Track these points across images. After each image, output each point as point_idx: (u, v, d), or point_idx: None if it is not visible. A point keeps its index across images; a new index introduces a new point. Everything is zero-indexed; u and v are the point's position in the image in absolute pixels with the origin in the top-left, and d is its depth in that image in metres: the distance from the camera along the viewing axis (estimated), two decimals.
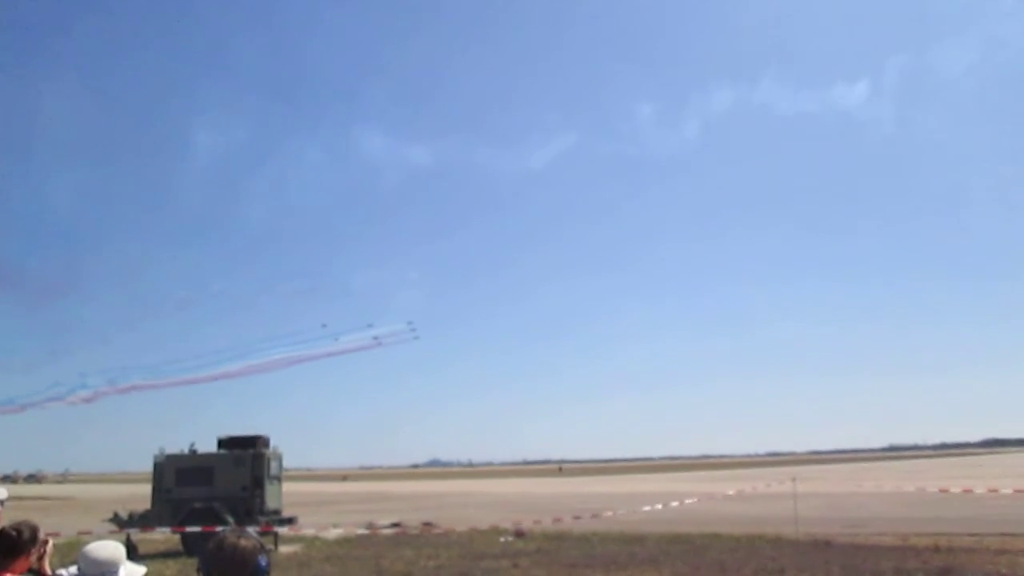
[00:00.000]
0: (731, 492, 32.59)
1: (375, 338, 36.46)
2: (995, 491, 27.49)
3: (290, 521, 24.07)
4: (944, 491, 30.76)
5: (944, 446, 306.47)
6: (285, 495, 25.25)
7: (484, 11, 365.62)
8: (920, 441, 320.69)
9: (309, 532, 24.66)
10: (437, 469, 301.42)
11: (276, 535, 22.53)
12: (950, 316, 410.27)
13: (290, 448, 36.19)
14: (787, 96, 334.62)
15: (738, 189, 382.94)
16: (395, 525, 28.99)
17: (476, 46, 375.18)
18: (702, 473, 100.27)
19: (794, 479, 26.42)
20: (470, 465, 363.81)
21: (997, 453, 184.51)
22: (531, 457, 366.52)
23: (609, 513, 27.26)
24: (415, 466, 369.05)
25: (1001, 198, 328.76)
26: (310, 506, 41.37)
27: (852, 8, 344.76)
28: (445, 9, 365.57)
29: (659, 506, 26.59)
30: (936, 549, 17.57)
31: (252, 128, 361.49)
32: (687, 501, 29.21)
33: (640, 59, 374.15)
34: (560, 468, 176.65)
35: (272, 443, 24.26)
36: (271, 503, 23.42)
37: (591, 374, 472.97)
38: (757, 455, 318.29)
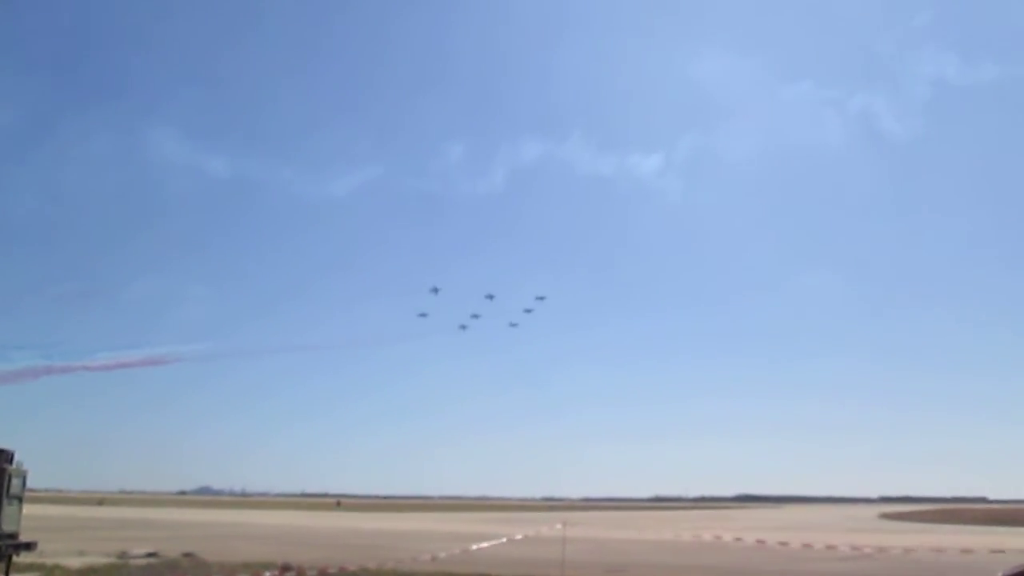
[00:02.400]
0: (519, 536, 33.10)
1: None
2: (740, 539, 29.84)
3: (27, 547, 21.66)
4: (696, 538, 33.03)
5: (703, 499, 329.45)
6: (27, 518, 22.76)
7: (304, 34, 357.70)
8: (682, 493, 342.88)
9: (50, 560, 22.38)
10: (207, 497, 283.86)
11: (9, 561, 20.21)
12: (709, 388, 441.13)
13: (42, 467, 32.76)
14: (590, 157, 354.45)
15: (536, 237, 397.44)
16: (151, 555, 26.97)
17: (295, 66, 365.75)
18: (486, 514, 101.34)
19: (563, 524, 27.39)
20: (243, 495, 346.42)
21: (747, 507, 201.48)
22: (310, 489, 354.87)
23: (442, 554, 26.83)
24: (183, 493, 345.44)
25: (769, 282, 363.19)
26: (58, 531, 37.64)
27: (655, 86, 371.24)
28: (268, 25, 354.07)
29: (485, 544, 26.55)
30: None
31: (22, 109, 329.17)
32: (493, 542, 29.34)
33: (455, 101, 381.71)
34: (338, 502, 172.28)
35: (17, 459, 21.84)
36: (7, 526, 20.96)
37: (375, 406, 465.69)
38: (533, 499, 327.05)
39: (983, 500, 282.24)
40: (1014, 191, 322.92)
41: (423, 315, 74.51)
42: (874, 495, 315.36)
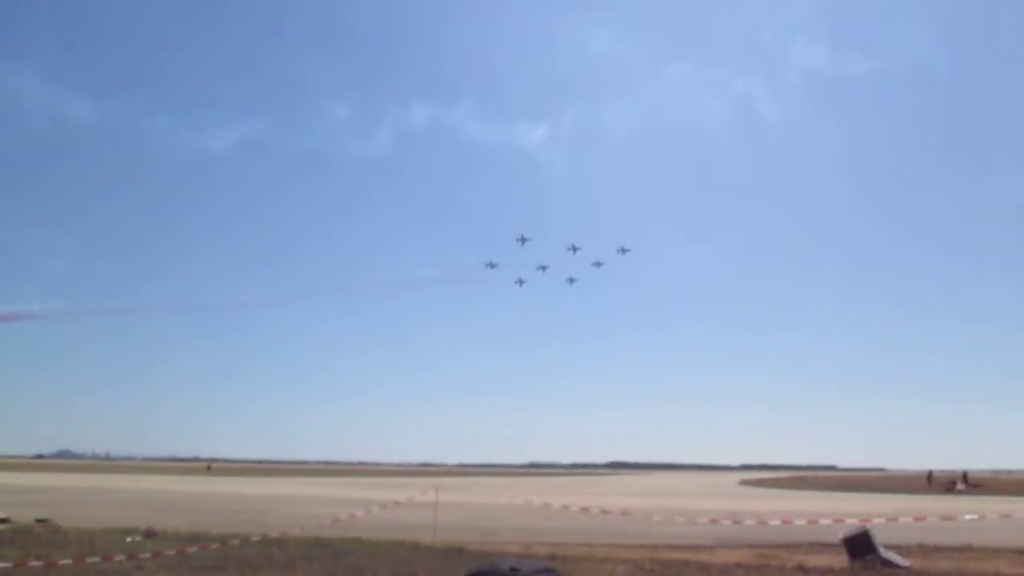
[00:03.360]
0: (393, 502, 33.17)
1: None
2: (606, 504, 30.95)
3: None
4: (565, 507, 34.06)
5: (576, 465, 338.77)
6: None
7: None
8: (557, 460, 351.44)
9: None
10: (66, 461, 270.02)
11: None
12: (583, 360, 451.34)
13: None
14: (478, 125, 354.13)
15: (423, 202, 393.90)
16: (1, 521, 25.63)
17: (175, 10, 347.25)
18: (361, 480, 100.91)
19: (437, 489, 27.72)
20: (107, 458, 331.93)
21: (618, 474, 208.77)
22: (179, 454, 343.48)
23: (313, 519, 26.43)
24: (40, 456, 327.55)
25: (648, 255, 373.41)
26: None
27: (542, 58, 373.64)
28: None
29: (358, 511, 26.35)
30: (552, 557, 19.37)
31: None
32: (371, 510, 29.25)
33: (344, 60, 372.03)
34: (209, 467, 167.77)
35: None
36: None
37: (250, 370, 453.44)
38: (410, 465, 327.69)
39: (833, 468, 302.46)
40: (875, 177, 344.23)
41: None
42: (736, 463, 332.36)
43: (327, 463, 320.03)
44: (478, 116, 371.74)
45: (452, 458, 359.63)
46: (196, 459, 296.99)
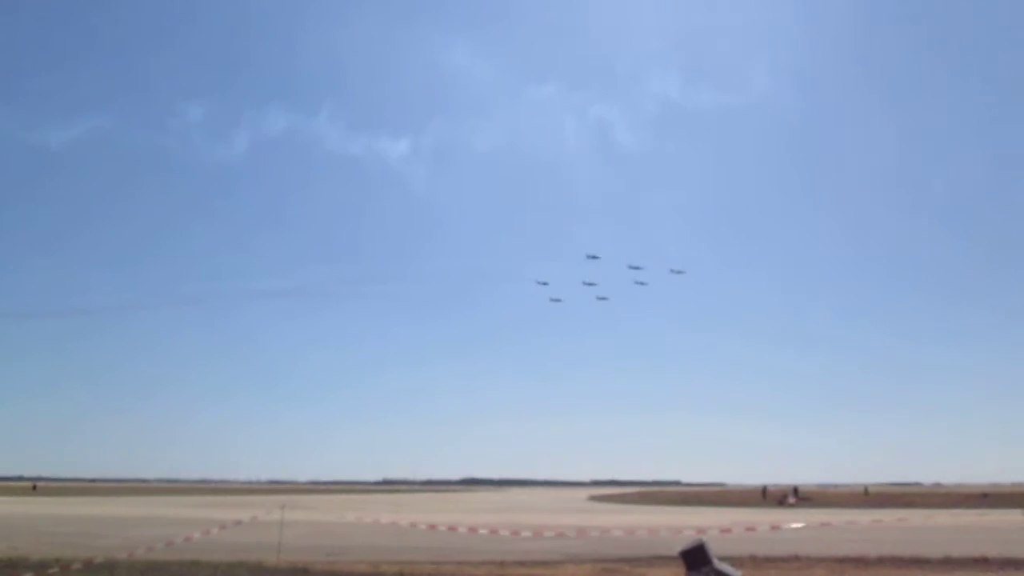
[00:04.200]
0: (236, 521, 31.76)
1: None
2: (457, 522, 30.92)
3: None
4: (414, 524, 33.82)
5: (430, 482, 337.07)
6: None
7: None
8: (410, 476, 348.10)
9: None
10: None
11: None
12: (436, 375, 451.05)
13: None
14: (339, 135, 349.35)
15: (279, 210, 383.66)
16: None
17: None
18: (205, 498, 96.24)
19: (283, 507, 26.85)
20: None
21: (472, 490, 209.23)
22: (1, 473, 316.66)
23: (147, 542, 24.69)
24: None
25: (508, 274, 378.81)
26: None
27: (406, 71, 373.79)
28: None
29: (195, 532, 24.86)
30: (400, 575, 19.17)
31: None
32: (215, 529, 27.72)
33: (198, 58, 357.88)
34: (35, 486, 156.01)
35: None
36: None
37: (89, 382, 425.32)
38: (258, 482, 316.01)
39: (677, 483, 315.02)
40: (723, 207, 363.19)
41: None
42: (587, 479, 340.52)
43: (168, 481, 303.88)
44: (339, 126, 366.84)
45: (303, 475, 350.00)
46: (20, 478, 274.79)
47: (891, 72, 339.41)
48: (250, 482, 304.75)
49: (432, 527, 31.80)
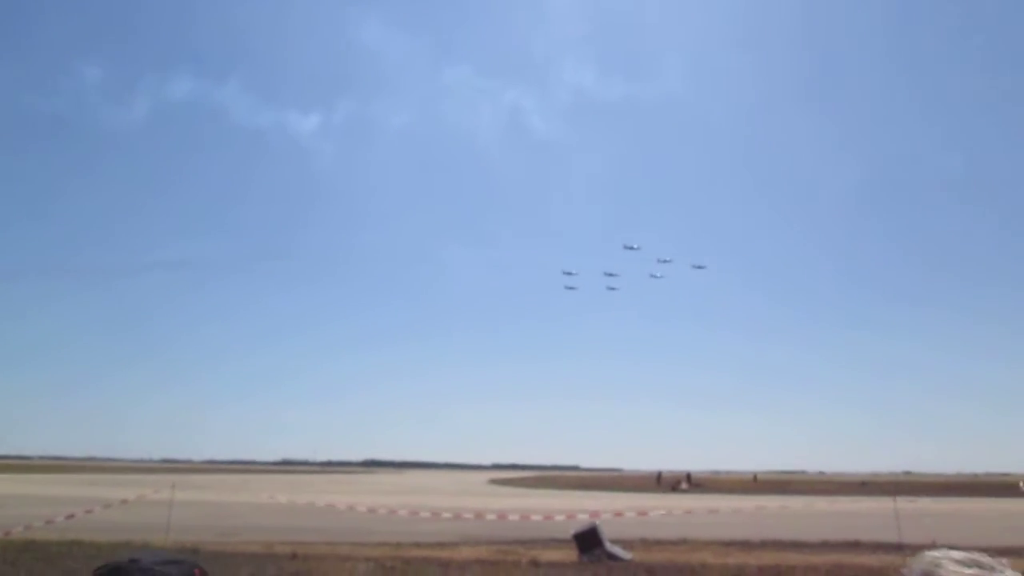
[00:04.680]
0: (124, 499, 30.71)
1: None
2: (355, 503, 30.72)
3: None
4: (311, 504, 33.44)
5: (330, 463, 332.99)
6: None
7: None
8: (310, 457, 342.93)
9: None
10: None
11: None
12: (336, 354, 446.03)
13: None
14: (247, 106, 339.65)
15: (171, 182, 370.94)
16: None
17: None
18: (92, 476, 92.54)
19: (173, 486, 26.12)
20: None
21: (372, 472, 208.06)
22: None
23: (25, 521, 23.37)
24: None
25: (418, 254, 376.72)
26: None
27: (318, 45, 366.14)
28: None
29: (78, 510, 23.75)
30: (294, 556, 18.92)
31: None
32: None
33: (94, 15, 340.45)
34: None
35: None
36: None
37: None
38: (150, 460, 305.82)
39: (576, 468, 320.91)
40: (629, 198, 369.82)
41: None
42: (488, 462, 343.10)
43: (51, 459, 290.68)
44: (247, 97, 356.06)
45: (198, 454, 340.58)
46: None
47: (802, 70, 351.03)
48: (141, 460, 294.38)
49: (329, 507, 31.48)
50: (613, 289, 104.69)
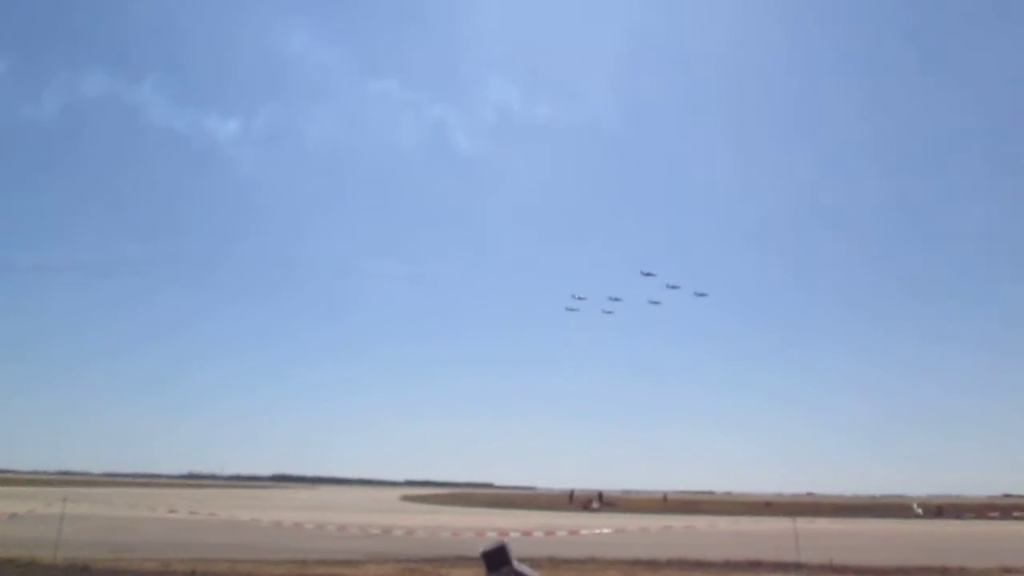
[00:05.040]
0: (21, 511, 29.13)
1: None
2: (258, 518, 29.93)
3: None
4: (213, 515, 32.42)
5: (239, 477, 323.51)
6: None
7: None
8: (217, 471, 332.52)
9: None
10: None
11: None
12: (251, 368, 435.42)
13: None
14: (165, 108, 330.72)
15: (89, 184, 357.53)
16: None
17: None
18: None
19: (65, 500, 24.93)
20: None
21: (282, 487, 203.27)
22: None
23: None
24: None
25: (338, 267, 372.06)
26: None
27: (240, 49, 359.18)
28: None
29: None
30: (192, 573, 18.28)
31: None
32: None
33: (8, 7, 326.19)
34: None
35: None
36: None
37: None
38: (45, 472, 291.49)
39: (490, 485, 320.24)
40: (554, 218, 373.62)
41: None
42: (401, 479, 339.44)
43: None
44: (165, 98, 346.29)
45: (98, 466, 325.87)
46: None
47: (724, 99, 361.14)
48: (36, 472, 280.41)
49: (233, 523, 30.59)
50: (610, 312, 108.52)
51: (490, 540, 21.70)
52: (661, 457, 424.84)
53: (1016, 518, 57.96)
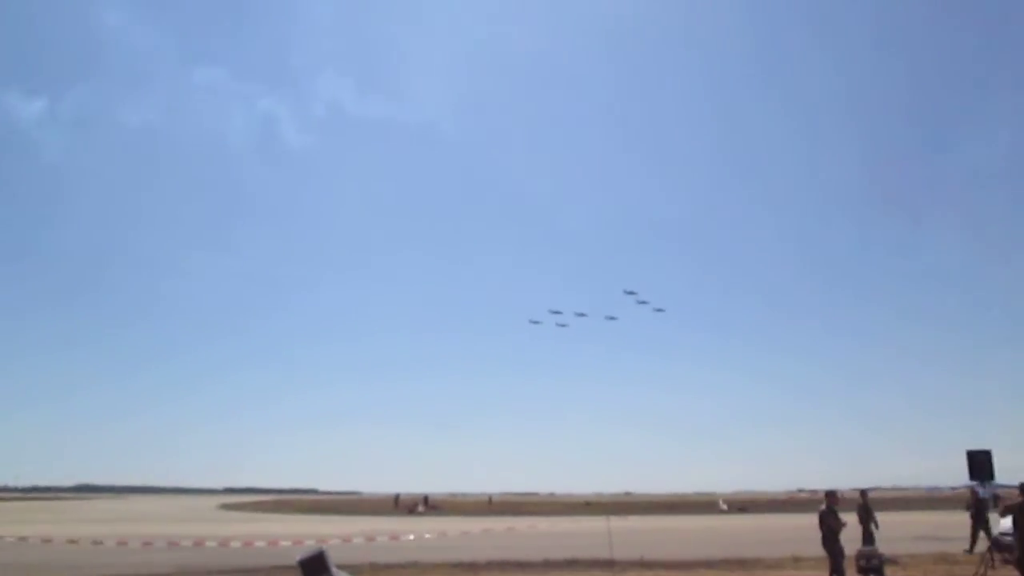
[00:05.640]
0: None
1: None
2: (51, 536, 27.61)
3: None
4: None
5: (35, 488, 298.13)
6: None
7: None
8: (11, 482, 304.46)
9: None
10: None
11: None
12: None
13: None
14: None
15: None
16: None
17: None
18: None
19: None
20: None
21: (85, 498, 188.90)
22: None
23: None
24: None
25: (164, 264, 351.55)
26: None
27: (44, 22, 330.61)
28: None
29: None
30: None
31: None
32: None
33: None
34: None
35: None
36: None
37: None
38: None
39: (314, 491, 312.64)
40: (381, 216, 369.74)
41: None
42: (220, 486, 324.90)
43: None
44: None
45: None
46: None
47: (561, 107, 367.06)
48: None
49: (21, 540, 28.10)
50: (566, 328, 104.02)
51: (308, 548, 21.15)
52: (490, 460, 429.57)
53: (806, 511, 63.06)
